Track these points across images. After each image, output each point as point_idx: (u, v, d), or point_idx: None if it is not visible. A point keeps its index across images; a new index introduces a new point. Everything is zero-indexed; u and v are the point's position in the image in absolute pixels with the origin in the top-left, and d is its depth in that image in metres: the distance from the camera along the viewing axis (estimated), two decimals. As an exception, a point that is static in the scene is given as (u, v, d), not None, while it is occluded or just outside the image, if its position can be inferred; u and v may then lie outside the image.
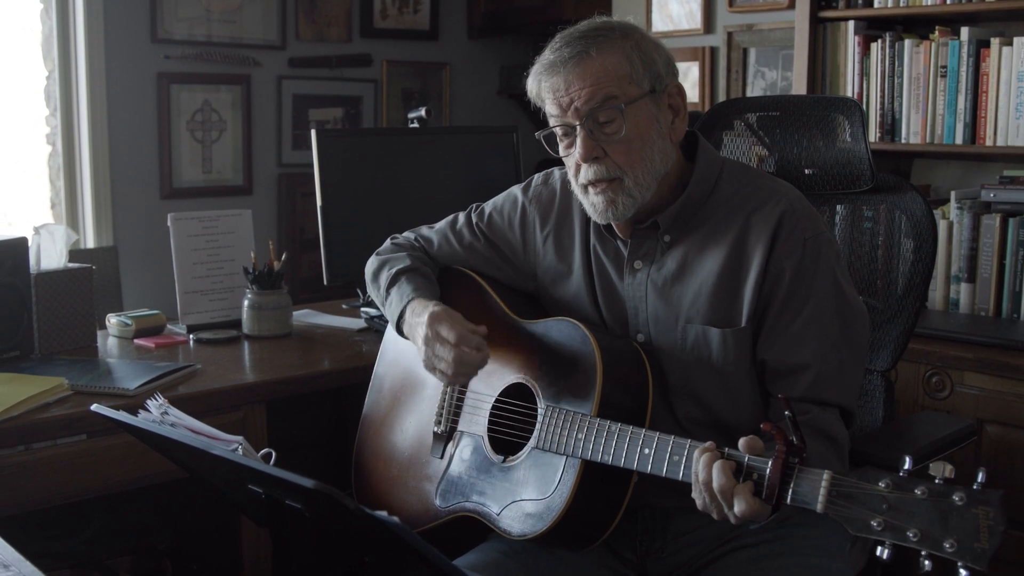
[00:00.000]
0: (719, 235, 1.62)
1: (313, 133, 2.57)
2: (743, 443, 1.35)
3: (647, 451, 1.45)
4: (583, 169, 1.60)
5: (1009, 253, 2.76)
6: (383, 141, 2.76)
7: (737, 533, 1.59)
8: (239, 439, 1.46)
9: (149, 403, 1.50)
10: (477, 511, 1.65)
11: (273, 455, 1.53)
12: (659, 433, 1.46)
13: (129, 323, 2.48)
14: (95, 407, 1.46)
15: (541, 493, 1.56)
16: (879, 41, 3.01)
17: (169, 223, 2.54)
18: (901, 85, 2.97)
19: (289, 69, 4.48)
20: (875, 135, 3.02)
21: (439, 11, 4.89)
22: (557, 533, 1.53)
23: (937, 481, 1.18)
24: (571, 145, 1.61)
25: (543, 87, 1.61)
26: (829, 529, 1.59)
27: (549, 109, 1.62)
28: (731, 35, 3.85)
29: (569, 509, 1.51)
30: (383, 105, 4.77)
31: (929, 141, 2.93)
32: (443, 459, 1.74)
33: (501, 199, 1.89)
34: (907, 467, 1.21)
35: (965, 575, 1.14)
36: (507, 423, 1.67)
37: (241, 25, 4.33)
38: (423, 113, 2.79)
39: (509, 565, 1.62)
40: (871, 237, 2.06)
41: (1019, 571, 2.42)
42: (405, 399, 1.87)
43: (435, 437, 1.76)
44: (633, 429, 1.48)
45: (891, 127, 3.01)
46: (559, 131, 1.63)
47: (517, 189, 1.87)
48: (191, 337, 2.47)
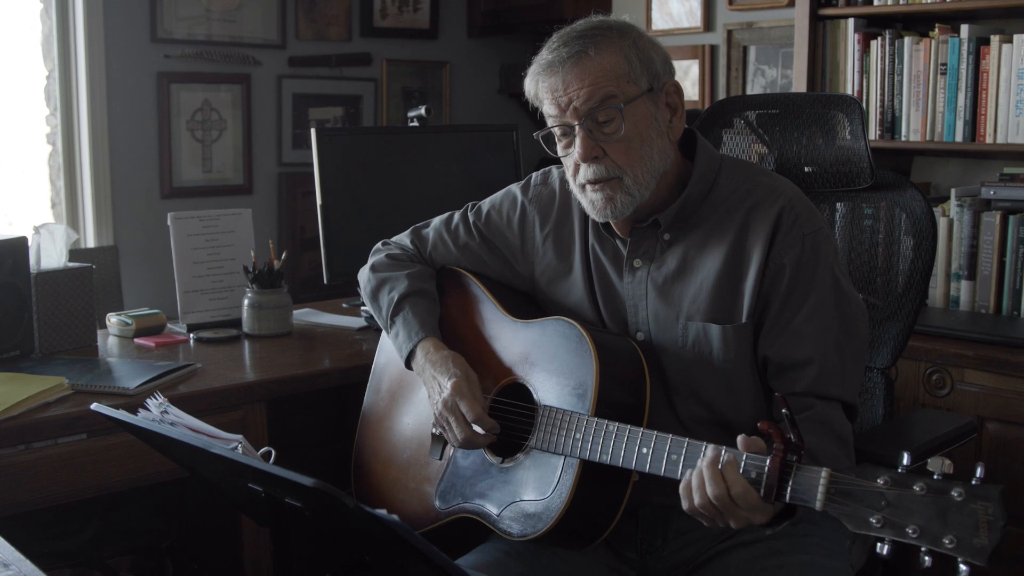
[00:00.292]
0: (719, 232, 1.62)
1: (313, 132, 2.57)
2: (741, 441, 1.35)
3: (645, 450, 1.45)
4: (582, 169, 1.60)
5: (1009, 250, 2.76)
6: (383, 140, 2.75)
7: (737, 531, 1.59)
8: (239, 438, 1.46)
9: (149, 402, 1.50)
10: (477, 512, 1.65)
11: (273, 454, 1.53)
12: (657, 432, 1.45)
13: (129, 322, 2.49)
14: (95, 406, 1.46)
15: (540, 493, 1.56)
16: (879, 39, 3.00)
17: (169, 222, 2.54)
18: (901, 83, 2.97)
19: (289, 68, 4.48)
20: (875, 133, 3.02)
21: (439, 10, 4.89)
22: (557, 533, 1.53)
23: (936, 477, 1.18)
24: (570, 145, 1.60)
25: (541, 87, 1.61)
26: (829, 527, 1.59)
27: (547, 109, 1.61)
28: (731, 33, 3.85)
29: (568, 509, 1.51)
30: (383, 104, 4.77)
31: (929, 139, 2.93)
32: (442, 460, 1.74)
33: (499, 198, 1.88)
34: (905, 463, 1.21)
35: (965, 571, 1.14)
36: (505, 423, 1.67)
37: (241, 24, 4.33)
38: (423, 112, 2.79)
39: (510, 564, 1.62)
40: (871, 235, 2.06)
41: (1020, 567, 2.42)
42: (402, 399, 1.87)
43: (433, 438, 1.75)
44: (631, 428, 1.48)
45: (891, 125, 3.01)
46: (557, 131, 1.62)
47: (516, 188, 1.87)
48: (191, 336, 2.47)
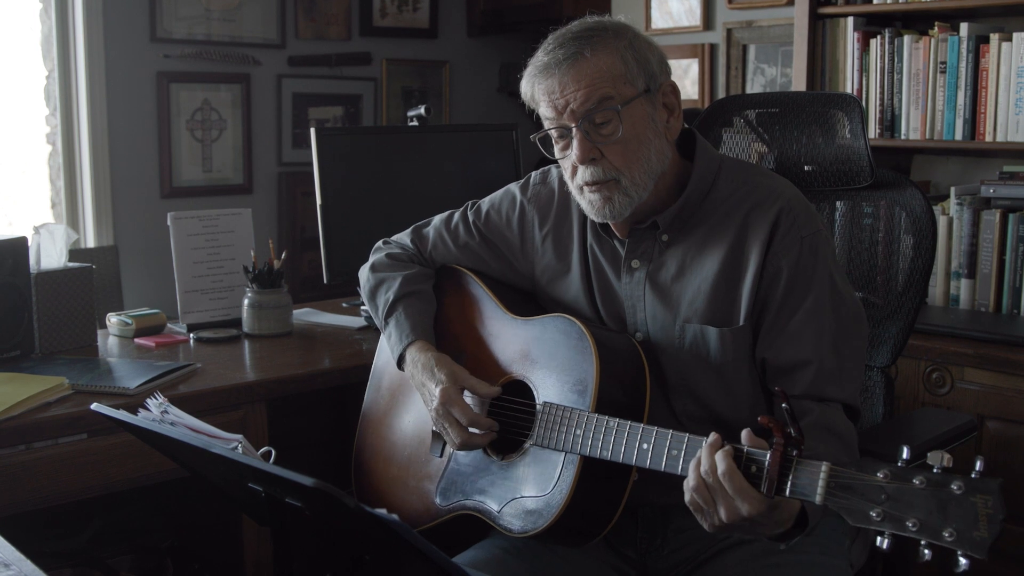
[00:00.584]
0: (717, 234, 1.62)
1: (313, 132, 2.57)
2: (746, 435, 1.33)
3: (645, 446, 1.45)
4: (580, 171, 1.59)
5: (1009, 249, 2.76)
6: (383, 139, 2.75)
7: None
8: (239, 438, 1.46)
9: (149, 402, 1.50)
10: (477, 509, 1.65)
11: (273, 453, 1.53)
12: (657, 428, 1.45)
13: (129, 322, 2.49)
14: (95, 406, 1.46)
15: (541, 490, 1.56)
16: (878, 37, 3.01)
17: (169, 222, 2.54)
18: (900, 81, 2.97)
19: (289, 68, 4.48)
20: (875, 131, 3.02)
21: (439, 9, 4.89)
22: (558, 529, 1.53)
23: (935, 470, 1.17)
24: (567, 147, 1.59)
25: (537, 90, 1.59)
26: (828, 526, 1.59)
27: (544, 111, 1.60)
28: (730, 32, 3.85)
29: (569, 505, 1.51)
30: (383, 103, 4.77)
31: (929, 137, 2.93)
32: (442, 457, 1.75)
33: (499, 197, 1.88)
34: (905, 457, 1.21)
35: (965, 564, 1.14)
36: (505, 420, 1.67)
37: (241, 24, 4.33)
38: (423, 111, 2.79)
39: (510, 562, 1.62)
40: (871, 233, 2.06)
41: (1020, 566, 2.42)
42: (403, 398, 1.87)
43: (434, 436, 1.75)
44: (631, 424, 1.48)
45: (891, 123, 3.01)
46: (554, 133, 1.61)
47: (515, 187, 1.86)
48: (191, 336, 2.47)
